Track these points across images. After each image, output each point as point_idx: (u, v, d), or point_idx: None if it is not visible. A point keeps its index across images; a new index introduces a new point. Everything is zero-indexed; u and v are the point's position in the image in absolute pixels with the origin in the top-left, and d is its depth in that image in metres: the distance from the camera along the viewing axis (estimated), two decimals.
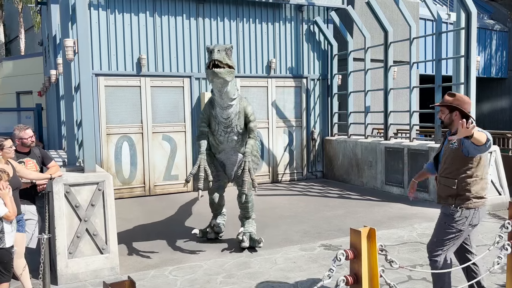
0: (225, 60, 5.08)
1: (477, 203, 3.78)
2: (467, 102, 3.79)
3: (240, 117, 5.71)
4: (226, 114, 5.61)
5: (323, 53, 11.82)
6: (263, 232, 6.88)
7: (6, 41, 24.76)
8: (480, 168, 3.76)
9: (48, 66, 11.50)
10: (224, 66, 5.09)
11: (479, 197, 3.79)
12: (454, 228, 3.79)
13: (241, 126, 5.78)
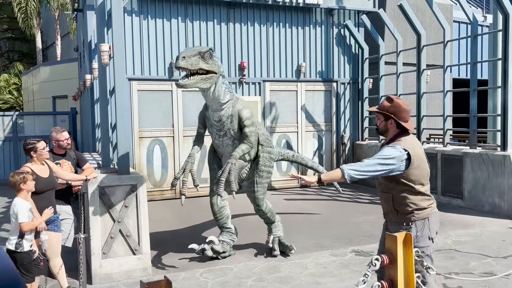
0: (196, 66, 4.80)
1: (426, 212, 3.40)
2: (404, 110, 3.40)
3: (233, 120, 5.40)
4: (217, 116, 5.39)
5: (353, 57, 11.72)
6: (293, 237, 6.84)
7: (43, 47, 25.59)
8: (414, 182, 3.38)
9: (83, 71, 11.81)
10: (197, 71, 4.85)
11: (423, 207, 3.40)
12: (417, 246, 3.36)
13: (234, 130, 5.44)
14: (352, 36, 11.51)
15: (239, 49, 10.55)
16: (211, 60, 4.96)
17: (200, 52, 4.88)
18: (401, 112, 3.40)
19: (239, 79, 10.55)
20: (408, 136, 3.45)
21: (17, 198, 4.34)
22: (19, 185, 4.30)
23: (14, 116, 13.66)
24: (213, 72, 5.00)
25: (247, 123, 5.38)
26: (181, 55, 4.76)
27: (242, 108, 5.39)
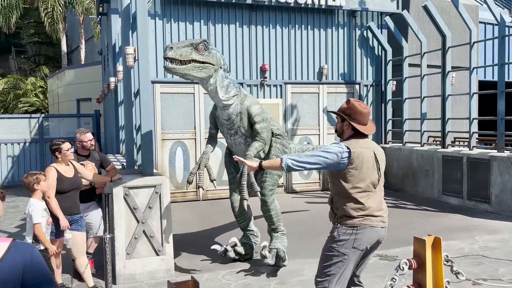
0: (187, 57, 4.73)
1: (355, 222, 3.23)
2: (359, 112, 3.33)
3: (242, 118, 5.29)
4: (226, 115, 5.30)
5: (376, 59, 11.59)
6: (315, 240, 6.77)
7: (68, 51, 26.10)
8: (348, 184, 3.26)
9: (107, 74, 11.98)
10: (189, 62, 4.77)
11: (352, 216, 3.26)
12: (335, 251, 3.28)
13: (245, 128, 5.33)
14: (375, 37, 11.40)
15: (260, 52, 10.55)
16: (207, 51, 4.90)
17: (192, 43, 4.84)
18: (356, 114, 3.34)
19: (261, 82, 10.55)
20: (363, 139, 3.36)
21: (32, 198, 4.42)
22: (33, 185, 4.37)
23: (40, 118, 13.95)
24: (209, 63, 4.92)
25: (257, 119, 5.27)
26: (169, 45, 4.71)
27: (251, 104, 5.29)
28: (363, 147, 3.32)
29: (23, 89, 24.17)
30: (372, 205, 3.25)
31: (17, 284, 1.77)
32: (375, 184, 3.31)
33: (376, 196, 3.31)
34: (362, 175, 3.25)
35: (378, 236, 3.27)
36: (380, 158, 3.39)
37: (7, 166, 13.24)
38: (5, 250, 1.79)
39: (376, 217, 3.25)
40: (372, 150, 3.35)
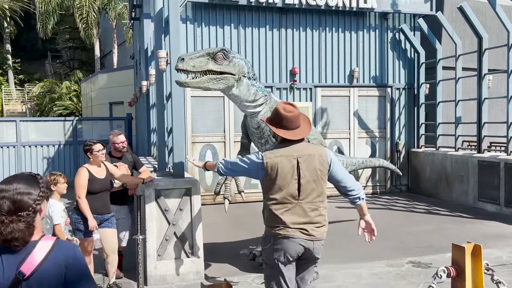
0: (201, 67, 4.51)
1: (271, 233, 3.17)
2: (283, 118, 3.20)
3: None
4: (256, 123, 5.13)
5: (409, 62, 11.37)
6: (346, 245, 6.68)
7: (101, 55, 26.75)
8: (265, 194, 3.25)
9: (139, 77, 12.18)
10: (205, 73, 4.57)
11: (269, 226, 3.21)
12: (264, 262, 3.27)
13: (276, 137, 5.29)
14: (407, 40, 11.18)
15: (290, 55, 10.52)
16: (226, 61, 4.65)
17: (208, 53, 4.62)
18: (281, 120, 3.22)
19: (290, 85, 10.51)
20: (291, 146, 3.21)
21: (52, 199, 4.49)
22: (50, 185, 4.45)
23: (74, 121, 14.31)
24: (228, 73, 4.70)
25: None
26: (181, 56, 4.51)
27: None
28: (283, 155, 3.19)
29: (58, 93, 24.92)
30: (287, 219, 3.13)
31: (60, 281, 1.80)
32: (295, 195, 3.14)
33: (297, 209, 3.15)
34: (276, 186, 3.15)
35: (300, 248, 3.13)
36: (308, 167, 3.16)
37: (43, 167, 13.63)
38: (50, 249, 1.83)
39: (293, 229, 3.13)
40: (297, 158, 3.16)
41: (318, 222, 3.20)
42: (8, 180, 1.88)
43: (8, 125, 13.72)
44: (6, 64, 30.23)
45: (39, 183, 1.90)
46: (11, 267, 1.78)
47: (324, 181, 3.25)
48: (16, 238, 1.77)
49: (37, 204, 1.86)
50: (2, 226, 1.76)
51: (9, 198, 1.80)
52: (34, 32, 34.22)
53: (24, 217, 1.80)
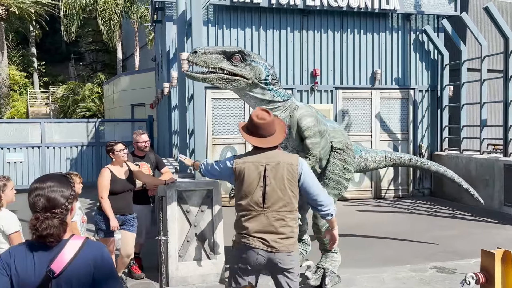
0: (213, 64, 4.43)
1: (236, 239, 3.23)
2: (254, 125, 3.18)
3: (291, 132, 4.86)
4: None
5: (432, 63, 11.20)
6: (368, 249, 6.60)
7: (123, 58, 27.10)
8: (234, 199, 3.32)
9: (161, 80, 12.30)
10: (215, 71, 4.50)
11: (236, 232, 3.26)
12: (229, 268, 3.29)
13: (295, 142, 4.94)
14: (431, 41, 11.01)
15: (311, 56, 10.47)
16: (243, 63, 4.53)
17: (225, 51, 4.48)
18: (252, 127, 3.20)
19: (311, 87, 10.45)
20: (262, 153, 3.17)
21: None
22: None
23: (97, 122, 14.53)
24: (241, 76, 4.56)
25: (307, 134, 4.81)
26: (194, 49, 4.42)
27: (301, 117, 4.81)
28: (252, 161, 3.15)
29: (81, 95, 25.34)
30: (250, 226, 3.08)
31: (89, 279, 1.83)
32: (259, 203, 3.08)
33: (261, 217, 3.07)
34: (243, 192, 3.14)
35: (261, 258, 3.05)
36: (275, 175, 3.08)
37: (66, 168, 13.85)
38: (79, 247, 1.86)
39: (253, 237, 3.07)
40: (264, 165, 3.11)
41: (282, 233, 3.07)
42: (42, 179, 1.93)
43: (33, 126, 14.00)
44: (31, 66, 30.91)
45: (70, 183, 1.95)
46: (43, 264, 1.82)
47: (292, 191, 3.11)
48: (51, 234, 1.82)
49: (69, 202, 1.90)
50: (37, 223, 1.81)
51: (44, 196, 1.85)
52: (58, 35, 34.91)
53: (58, 214, 1.84)
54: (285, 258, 3.07)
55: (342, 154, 5.34)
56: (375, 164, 6.08)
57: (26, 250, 1.86)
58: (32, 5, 26.27)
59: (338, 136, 5.37)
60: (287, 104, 4.90)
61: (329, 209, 3.22)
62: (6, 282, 1.80)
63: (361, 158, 5.89)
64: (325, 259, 5.27)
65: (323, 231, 5.23)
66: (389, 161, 6.25)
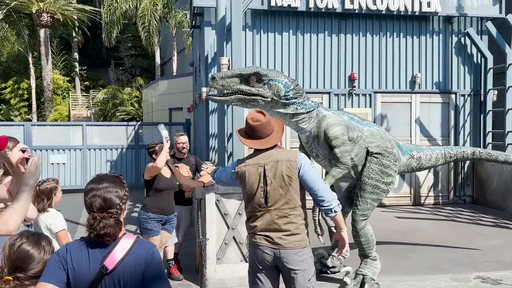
0: (231, 88, 4.54)
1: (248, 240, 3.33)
2: (249, 127, 3.26)
3: (319, 142, 4.94)
4: (304, 138, 5.07)
5: (475, 67, 10.86)
6: (407, 256, 6.46)
7: (161, 63, 27.68)
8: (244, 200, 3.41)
9: (198, 84, 12.46)
10: (235, 93, 4.58)
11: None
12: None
13: (325, 152, 5.00)
14: (474, 44, 10.69)
15: (349, 60, 10.36)
16: (260, 83, 4.60)
17: (241, 74, 4.59)
18: (248, 130, 3.28)
19: (349, 91, 10.34)
20: (261, 154, 3.22)
21: None
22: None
23: (136, 126, 14.87)
24: (259, 96, 4.61)
25: (335, 143, 4.83)
26: (213, 75, 4.64)
27: (328, 127, 4.84)
28: (251, 164, 3.21)
29: (120, 99, 26.03)
30: (256, 226, 3.18)
31: (139, 278, 1.88)
32: (262, 203, 3.14)
33: (265, 216, 3.14)
34: (246, 194, 3.24)
35: (268, 256, 3.12)
36: (275, 173, 3.11)
37: (106, 169, 14.24)
38: (131, 246, 1.92)
39: (259, 236, 3.15)
40: (263, 165, 3.16)
41: (287, 230, 3.11)
42: (97, 179, 2.00)
43: (75, 129, 14.48)
44: (73, 71, 32.04)
45: (123, 183, 2.01)
46: (97, 260, 1.89)
47: (294, 188, 3.13)
48: (108, 233, 1.88)
49: (123, 202, 1.96)
50: (95, 222, 1.87)
51: (100, 196, 1.92)
52: (99, 41, 36.04)
53: (113, 214, 1.91)
54: (291, 256, 3.10)
55: (380, 158, 5.23)
56: (431, 162, 5.86)
57: (82, 246, 1.94)
58: (75, 12, 27.26)
59: (375, 141, 5.28)
60: (313, 115, 4.93)
61: (331, 205, 3.17)
62: (62, 275, 1.88)
63: (412, 158, 5.69)
64: (365, 265, 5.19)
65: (362, 235, 5.17)
66: (449, 157, 5.98)
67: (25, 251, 1.98)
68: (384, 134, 5.42)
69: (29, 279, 1.93)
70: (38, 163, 2.28)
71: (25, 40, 27.71)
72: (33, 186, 2.33)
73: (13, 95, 29.03)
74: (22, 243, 2.00)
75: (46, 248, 2.03)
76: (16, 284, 1.92)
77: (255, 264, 3.20)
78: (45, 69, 26.27)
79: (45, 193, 3.87)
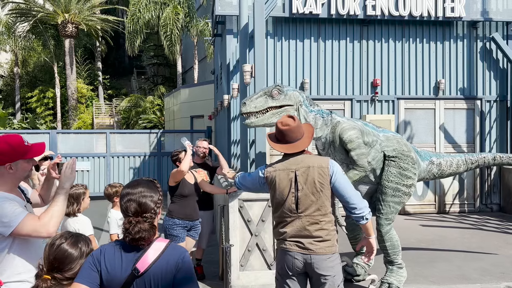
0: (263, 106, 4.82)
1: (277, 246, 3.33)
2: (279, 131, 3.28)
3: (335, 147, 5.08)
4: (321, 144, 5.22)
5: (501, 72, 10.65)
6: (433, 265, 6.33)
7: (182, 71, 27.97)
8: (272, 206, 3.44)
9: (220, 92, 12.55)
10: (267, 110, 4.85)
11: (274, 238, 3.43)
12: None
13: (341, 156, 5.09)
14: (499, 49, 10.49)
15: (372, 67, 10.29)
16: (282, 95, 4.89)
17: (265, 92, 4.91)
18: (279, 134, 3.27)
19: (371, 97, 10.26)
20: (292, 158, 3.23)
21: (112, 209, 4.67)
22: (113, 198, 4.64)
23: (158, 133, 15.04)
24: (287, 105, 4.91)
25: (350, 146, 4.96)
26: (243, 101, 4.91)
27: (342, 132, 4.99)
28: (281, 169, 3.22)
29: (142, 107, 26.37)
30: (285, 233, 3.18)
31: (170, 280, 1.90)
32: (292, 210, 3.14)
33: (296, 222, 3.14)
34: (276, 200, 3.22)
35: (298, 262, 3.12)
36: (306, 179, 3.12)
37: (129, 177, 14.43)
38: (163, 249, 1.94)
39: (289, 242, 3.16)
40: (294, 171, 3.16)
41: (319, 237, 3.12)
42: (132, 184, 2.03)
43: (99, 137, 14.72)
44: (97, 80, 32.65)
45: (157, 188, 2.04)
46: (129, 263, 1.92)
47: (325, 194, 3.13)
48: (143, 237, 1.91)
49: (157, 206, 1.99)
50: (130, 226, 1.90)
51: (135, 201, 1.96)
52: (121, 50, 36.70)
53: (148, 218, 1.93)
54: (321, 262, 3.10)
55: (397, 162, 5.24)
56: (452, 169, 5.83)
57: (116, 248, 1.97)
58: (99, 22, 27.84)
59: (391, 145, 5.30)
60: (327, 121, 5.12)
61: (363, 212, 3.16)
62: (96, 277, 1.92)
63: (432, 164, 5.70)
64: (390, 273, 5.12)
65: (387, 239, 5.10)
66: (471, 164, 5.94)
67: (63, 252, 2.05)
68: (400, 139, 5.45)
69: (67, 279, 2.00)
70: (73, 167, 2.35)
71: (50, 50, 28.39)
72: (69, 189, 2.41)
73: (39, 104, 29.72)
74: (61, 243, 2.07)
75: (83, 249, 2.09)
76: (53, 284, 1.97)
77: (284, 271, 3.17)
78: (69, 78, 26.84)
79: (74, 197, 3.96)
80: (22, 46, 28.64)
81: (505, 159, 6.10)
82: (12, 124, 27.71)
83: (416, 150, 5.68)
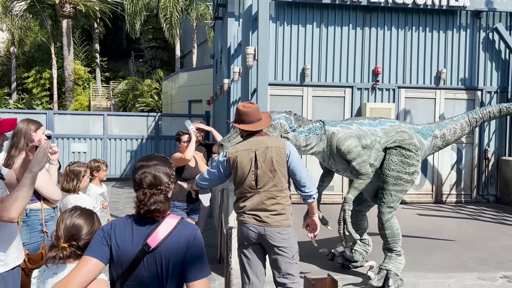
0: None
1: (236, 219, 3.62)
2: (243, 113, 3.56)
3: (335, 159, 4.99)
4: (320, 157, 5.12)
5: (503, 63, 10.61)
6: (430, 254, 6.35)
7: (181, 55, 27.74)
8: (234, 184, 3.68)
9: (219, 76, 12.45)
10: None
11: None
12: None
13: (343, 166, 5.01)
14: (502, 40, 10.43)
15: (373, 54, 10.22)
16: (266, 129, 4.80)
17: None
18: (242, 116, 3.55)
19: (372, 85, 10.21)
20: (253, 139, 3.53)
21: (92, 183, 4.62)
22: (93, 171, 4.61)
23: (156, 117, 14.95)
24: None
25: (350, 157, 4.85)
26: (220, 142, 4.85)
27: (339, 143, 4.88)
28: (242, 149, 3.49)
29: (140, 90, 26.19)
30: (245, 207, 3.47)
31: (181, 257, 1.87)
32: (252, 186, 3.43)
33: (255, 197, 3.44)
34: (238, 178, 3.48)
35: (253, 233, 3.43)
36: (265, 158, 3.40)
37: (126, 160, 14.38)
38: (174, 226, 1.91)
39: (248, 215, 3.45)
40: (254, 151, 3.45)
41: (274, 210, 3.43)
42: (146, 158, 2.02)
43: (96, 119, 14.61)
44: (94, 62, 32.36)
45: (171, 163, 2.01)
46: (140, 238, 1.89)
47: (282, 172, 3.43)
48: (158, 209, 1.89)
49: (171, 181, 1.96)
50: (145, 198, 1.88)
51: (150, 173, 1.95)
52: (119, 32, 36.34)
53: (163, 190, 1.90)
54: (275, 234, 3.41)
55: (399, 150, 5.13)
56: (457, 135, 5.66)
57: (127, 223, 1.94)
58: (97, 3, 27.47)
59: (391, 138, 5.15)
60: (322, 136, 4.97)
61: (311, 191, 3.50)
62: (106, 251, 1.90)
63: (435, 138, 5.53)
64: (389, 260, 5.09)
65: (387, 227, 5.08)
66: (475, 122, 5.74)
67: (79, 221, 2.08)
68: (398, 128, 5.21)
69: (80, 249, 1.99)
70: (46, 151, 2.23)
71: (47, 30, 28.04)
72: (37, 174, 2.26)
73: (35, 84, 29.46)
74: (77, 214, 2.11)
75: (95, 220, 2.08)
76: (72, 251, 1.97)
77: (241, 241, 3.53)
78: (66, 60, 26.57)
79: (75, 173, 3.91)
80: (18, 25, 28.27)
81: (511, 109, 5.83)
82: (7, 104, 27.47)
83: (417, 130, 5.46)
